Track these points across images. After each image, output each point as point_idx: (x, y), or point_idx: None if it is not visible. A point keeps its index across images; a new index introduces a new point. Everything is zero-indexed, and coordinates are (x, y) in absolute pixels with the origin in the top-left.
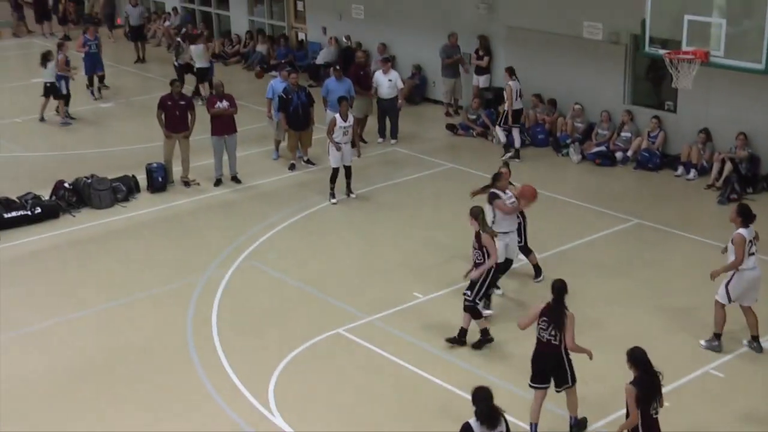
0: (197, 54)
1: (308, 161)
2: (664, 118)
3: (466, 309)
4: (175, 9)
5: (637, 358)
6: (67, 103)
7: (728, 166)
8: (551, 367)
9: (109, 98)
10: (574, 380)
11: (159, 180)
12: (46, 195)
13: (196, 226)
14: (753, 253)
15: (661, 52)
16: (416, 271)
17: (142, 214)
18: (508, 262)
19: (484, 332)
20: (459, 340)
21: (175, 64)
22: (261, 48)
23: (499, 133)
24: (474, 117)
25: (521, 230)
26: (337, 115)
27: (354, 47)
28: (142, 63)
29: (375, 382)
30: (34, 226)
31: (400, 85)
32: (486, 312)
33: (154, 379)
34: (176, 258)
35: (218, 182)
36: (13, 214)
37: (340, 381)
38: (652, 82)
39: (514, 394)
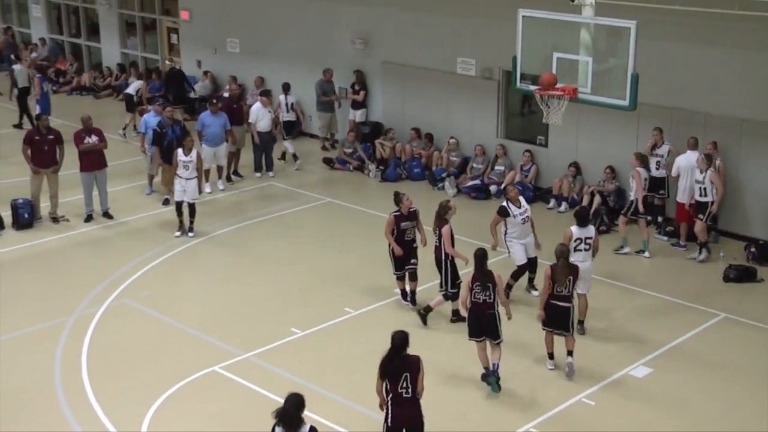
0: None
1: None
2: (536, 152)
3: (446, 298)
4: (42, 40)
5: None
6: None
7: (597, 198)
8: (486, 324)
9: None
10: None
11: (25, 216)
12: None
13: (65, 264)
14: (580, 250)
15: (532, 88)
16: (294, 306)
17: (7, 251)
18: (532, 262)
19: (456, 312)
20: (458, 317)
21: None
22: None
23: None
24: (350, 151)
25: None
26: (179, 150)
27: (177, 68)
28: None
29: (252, 420)
30: None
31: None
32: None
33: (20, 426)
34: (44, 297)
35: (89, 218)
36: None
37: (217, 419)
38: (525, 117)
39: None
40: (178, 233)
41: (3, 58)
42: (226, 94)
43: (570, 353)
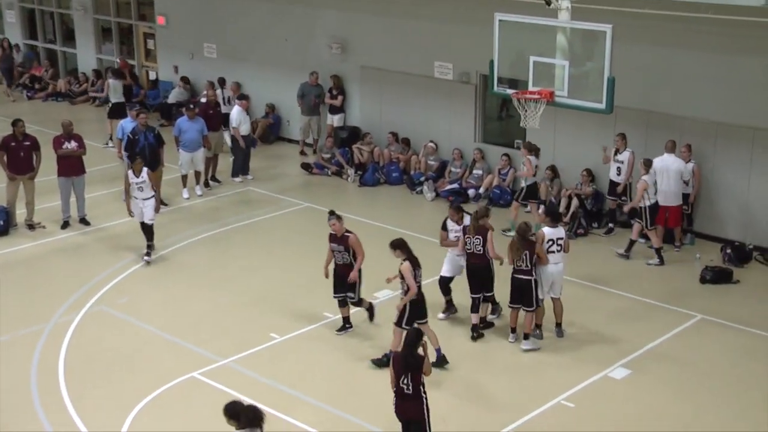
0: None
1: (161, 202)
2: (514, 156)
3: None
4: (17, 46)
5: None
6: None
7: (575, 201)
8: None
9: None
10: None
11: (1, 223)
12: None
13: (41, 271)
14: (553, 251)
15: (509, 91)
16: (272, 311)
17: None
18: (447, 281)
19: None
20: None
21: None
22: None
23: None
24: (328, 156)
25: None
26: (130, 171)
27: (123, 63)
28: None
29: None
30: None
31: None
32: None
33: None
34: (20, 305)
35: (65, 224)
36: None
37: (196, 425)
38: (502, 120)
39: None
40: (148, 258)
41: (4, 72)
42: (203, 100)
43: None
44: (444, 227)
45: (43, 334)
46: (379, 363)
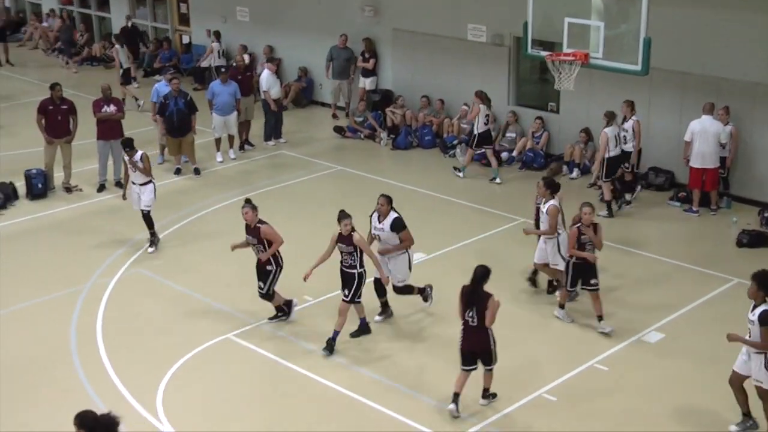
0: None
1: (196, 170)
2: (548, 119)
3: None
4: (53, 11)
5: None
6: None
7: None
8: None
9: None
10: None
11: (39, 186)
12: None
13: (78, 233)
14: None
15: (543, 53)
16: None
17: (21, 221)
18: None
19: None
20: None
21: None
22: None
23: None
24: (361, 119)
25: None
26: (125, 155)
27: (131, 25)
28: (10, 66)
29: (265, 386)
30: None
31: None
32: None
33: (37, 394)
34: (58, 266)
35: (102, 188)
36: None
37: (230, 386)
38: (536, 83)
39: (403, 393)
40: (151, 249)
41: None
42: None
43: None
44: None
45: (80, 296)
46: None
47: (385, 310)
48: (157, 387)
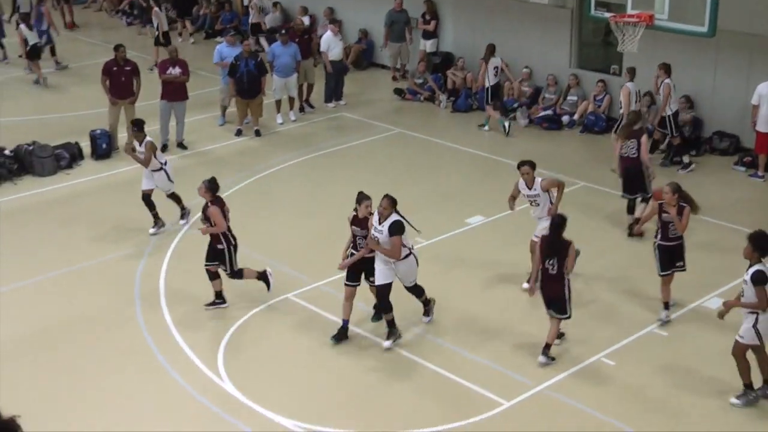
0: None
1: (257, 132)
2: (610, 82)
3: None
4: None
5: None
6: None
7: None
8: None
9: (50, 64)
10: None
11: (103, 147)
12: None
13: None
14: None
15: (607, 15)
16: None
17: (86, 181)
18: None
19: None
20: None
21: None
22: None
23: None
24: (420, 81)
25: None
26: (135, 142)
27: None
28: (75, 28)
29: (323, 346)
30: None
31: None
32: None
33: (101, 348)
34: (122, 225)
35: (164, 148)
36: None
37: (289, 345)
38: (598, 45)
39: (465, 358)
40: (153, 229)
41: None
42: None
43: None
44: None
45: (144, 254)
46: (337, 338)
47: (427, 307)
48: (219, 345)
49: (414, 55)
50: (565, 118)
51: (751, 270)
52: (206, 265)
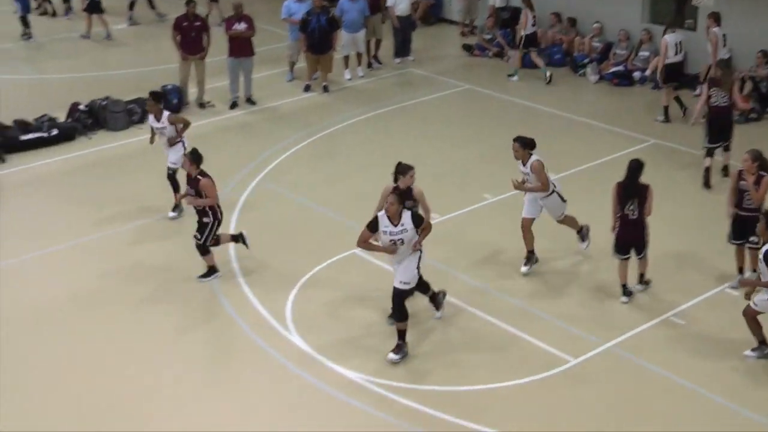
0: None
1: (325, 88)
2: (684, 36)
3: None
4: None
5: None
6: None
7: (748, 84)
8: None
9: (122, 20)
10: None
11: (174, 102)
12: (61, 117)
13: (211, 148)
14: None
15: None
16: (431, 192)
17: None
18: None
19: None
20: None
21: None
22: None
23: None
24: (489, 37)
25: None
26: (150, 116)
27: None
28: None
29: (389, 300)
30: (51, 149)
31: None
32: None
33: (172, 299)
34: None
35: (234, 104)
36: (30, 136)
37: (355, 299)
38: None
39: (533, 315)
40: (173, 213)
41: None
42: None
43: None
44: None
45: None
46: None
47: (435, 301)
48: (287, 297)
49: (483, 11)
50: (637, 74)
51: (764, 248)
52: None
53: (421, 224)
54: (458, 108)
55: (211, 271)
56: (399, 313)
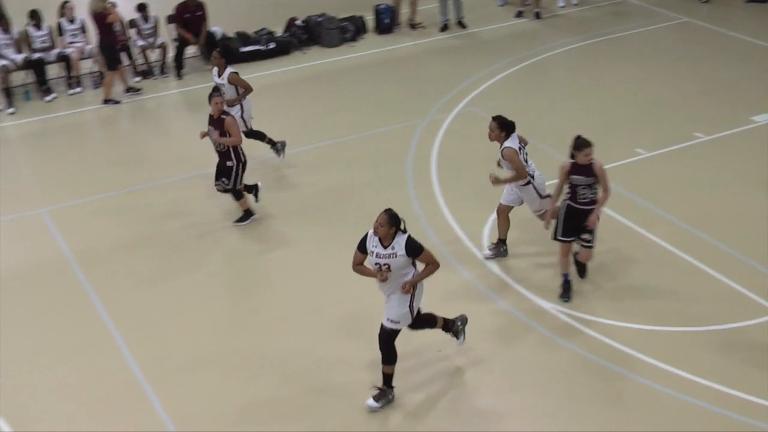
0: None
1: (537, 14)
2: None
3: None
4: None
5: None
6: None
7: None
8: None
9: None
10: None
11: (386, 22)
12: (279, 32)
13: (419, 70)
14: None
15: None
16: (639, 127)
17: (368, 54)
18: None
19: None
20: None
21: None
22: None
23: None
24: None
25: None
26: (214, 69)
27: None
28: None
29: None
30: (267, 61)
31: None
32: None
33: (375, 209)
34: (399, 100)
35: (444, 27)
36: (249, 48)
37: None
38: None
39: (737, 259)
40: (281, 156)
41: None
42: None
43: None
44: None
45: (418, 129)
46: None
47: (451, 330)
48: (485, 221)
49: None
50: None
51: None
52: (216, 184)
53: (416, 254)
54: (669, 42)
55: (248, 214)
56: (386, 355)
